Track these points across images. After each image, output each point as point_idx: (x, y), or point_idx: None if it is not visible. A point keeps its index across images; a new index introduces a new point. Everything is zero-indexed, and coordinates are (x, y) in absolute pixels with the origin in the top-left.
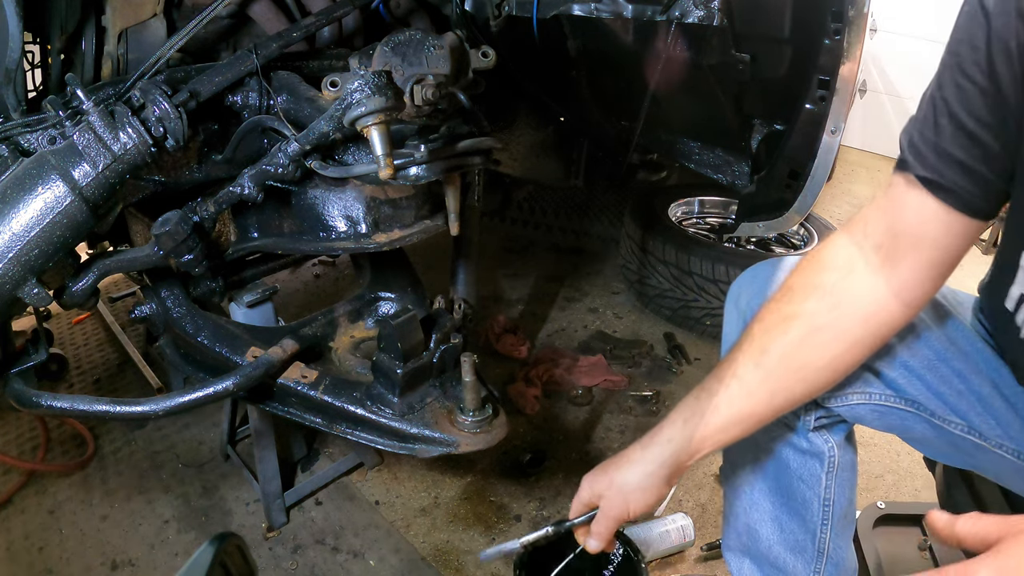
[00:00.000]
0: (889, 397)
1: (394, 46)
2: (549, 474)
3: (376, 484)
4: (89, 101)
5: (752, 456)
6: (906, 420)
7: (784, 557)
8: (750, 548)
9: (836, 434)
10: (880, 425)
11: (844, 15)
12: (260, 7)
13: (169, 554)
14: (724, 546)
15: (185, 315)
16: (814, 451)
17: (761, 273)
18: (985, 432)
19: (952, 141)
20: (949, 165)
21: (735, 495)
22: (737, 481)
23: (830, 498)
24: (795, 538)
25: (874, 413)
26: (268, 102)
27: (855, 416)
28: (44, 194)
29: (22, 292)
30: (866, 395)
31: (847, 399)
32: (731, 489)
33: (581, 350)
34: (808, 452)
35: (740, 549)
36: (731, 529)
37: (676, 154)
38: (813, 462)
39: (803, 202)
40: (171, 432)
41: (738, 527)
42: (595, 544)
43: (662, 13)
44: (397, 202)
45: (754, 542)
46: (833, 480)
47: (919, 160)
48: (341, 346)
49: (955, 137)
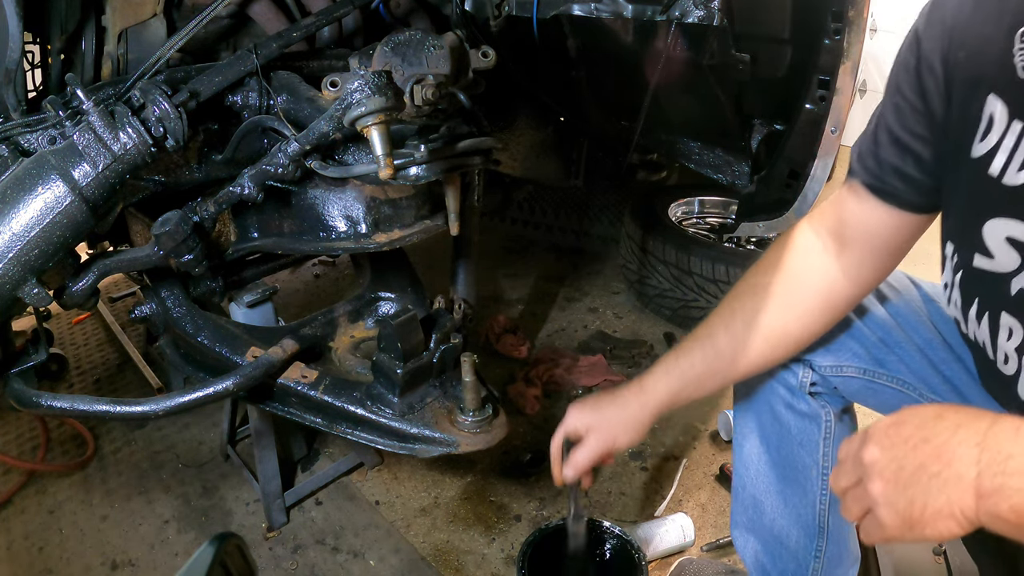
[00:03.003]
0: (881, 375)
1: (394, 46)
2: (549, 474)
3: (376, 484)
4: (89, 101)
5: (757, 424)
6: (898, 399)
7: (787, 531)
8: (755, 523)
9: (834, 404)
10: (873, 403)
11: (844, 15)
12: (260, 7)
13: (169, 554)
14: (732, 523)
15: (185, 315)
16: (812, 414)
17: None
18: None
19: (889, 150)
20: (887, 171)
21: (743, 467)
22: (745, 452)
23: (828, 467)
24: (797, 511)
25: (868, 389)
26: (268, 102)
27: (850, 391)
28: (44, 194)
29: (22, 292)
30: (860, 370)
31: (842, 370)
32: (740, 461)
33: (581, 350)
34: (806, 415)
35: (746, 526)
36: (739, 503)
37: (676, 154)
38: (811, 426)
39: (803, 202)
40: (171, 432)
41: (745, 500)
42: (571, 474)
43: (662, 13)
44: (397, 202)
45: (759, 515)
46: (831, 448)
47: (863, 168)
48: (341, 346)
49: (891, 147)
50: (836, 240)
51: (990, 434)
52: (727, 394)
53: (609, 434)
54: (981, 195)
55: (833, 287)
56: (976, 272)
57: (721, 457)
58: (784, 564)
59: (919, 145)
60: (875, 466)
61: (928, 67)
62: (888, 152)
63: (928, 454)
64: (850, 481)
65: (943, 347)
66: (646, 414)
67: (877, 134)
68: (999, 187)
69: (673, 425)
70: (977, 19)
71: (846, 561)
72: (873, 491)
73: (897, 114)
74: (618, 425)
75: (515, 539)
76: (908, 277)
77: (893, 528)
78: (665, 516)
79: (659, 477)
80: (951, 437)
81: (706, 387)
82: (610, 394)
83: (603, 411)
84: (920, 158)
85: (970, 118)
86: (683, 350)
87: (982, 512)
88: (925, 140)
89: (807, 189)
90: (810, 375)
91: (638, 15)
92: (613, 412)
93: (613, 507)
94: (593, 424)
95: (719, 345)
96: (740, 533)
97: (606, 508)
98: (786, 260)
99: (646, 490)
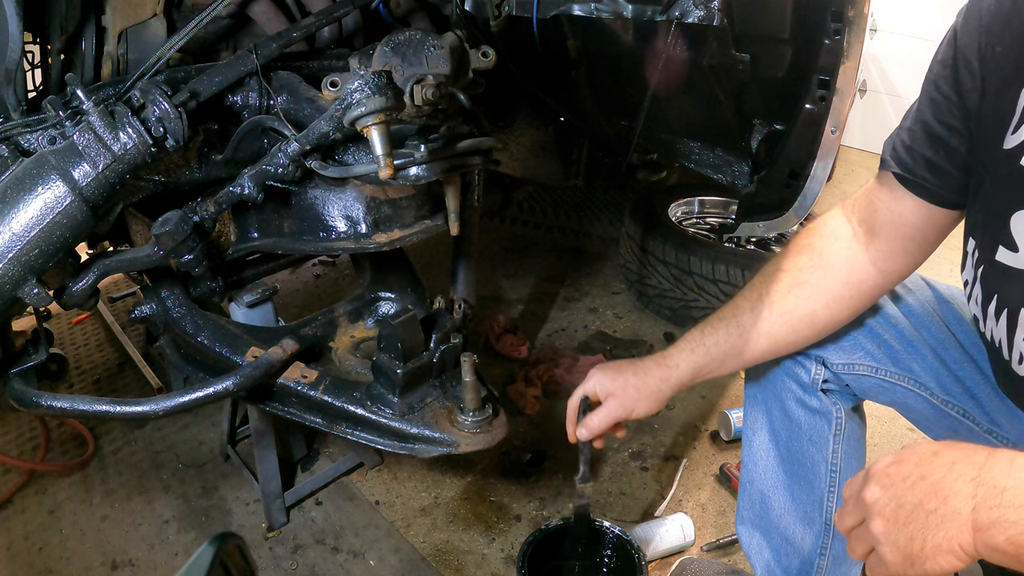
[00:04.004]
0: (893, 374)
1: (394, 46)
2: (549, 474)
3: (376, 484)
4: (89, 101)
5: (768, 420)
6: (908, 398)
7: (793, 527)
8: (762, 519)
9: (845, 401)
10: (886, 400)
11: (844, 15)
12: (260, 7)
13: (169, 554)
14: (738, 519)
15: (185, 315)
16: (823, 410)
17: None
18: (978, 418)
19: (923, 143)
20: (919, 163)
21: (752, 462)
22: (754, 447)
23: (837, 463)
24: (804, 508)
25: (880, 388)
26: (268, 102)
27: (862, 389)
28: (44, 194)
29: (22, 292)
30: (873, 368)
31: (855, 368)
32: (749, 456)
33: (581, 350)
34: (818, 412)
35: (752, 521)
36: (745, 498)
37: (676, 154)
38: (822, 422)
39: (803, 202)
40: (171, 432)
41: (752, 495)
42: (586, 434)
43: (662, 13)
44: (397, 202)
45: (766, 510)
46: (840, 444)
47: (896, 160)
48: (341, 346)
49: (925, 140)
50: (866, 229)
51: (985, 468)
52: (727, 394)
53: (628, 402)
54: (1011, 186)
55: (861, 275)
56: (998, 267)
57: (721, 457)
58: (789, 560)
59: (953, 138)
60: (876, 505)
61: (965, 62)
62: (922, 145)
63: (925, 491)
64: (854, 521)
65: (956, 348)
66: (667, 387)
67: (912, 128)
68: None
69: (673, 425)
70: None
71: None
72: (875, 530)
73: (934, 108)
74: (638, 395)
75: (515, 539)
76: (922, 278)
77: (895, 565)
78: (665, 516)
79: (659, 477)
80: (947, 474)
81: (727, 366)
82: (632, 363)
83: (625, 379)
84: (954, 151)
85: (1003, 110)
86: (709, 327)
87: (980, 545)
88: (960, 134)
89: (807, 189)
90: (823, 372)
91: (638, 15)
92: (635, 381)
93: (613, 507)
94: (614, 390)
95: (744, 325)
96: (746, 529)
97: (606, 508)
98: (817, 245)
99: (646, 490)
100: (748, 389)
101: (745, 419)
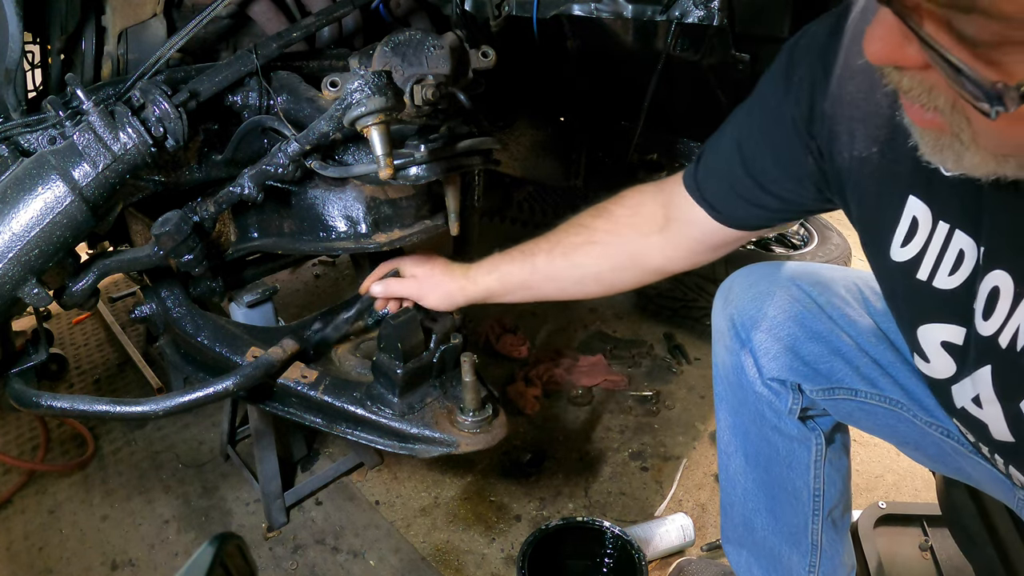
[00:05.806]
0: (873, 395)
1: (394, 46)
2: (549, 474)
3: (376, 484)
4: (89, 101)
5: (744, 445)
6: (891, 419)
7: (780, 548)
8: (746, 539)
9: (823, 424)
10: (867, 425)
11: None
12: (260, 7)
13: (169, 554)
14: (723, 538)
15: (185, 315)
16: (801, 438)
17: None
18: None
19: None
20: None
21: (731, 486)
22: (731, 471)
23: (820, 488)
24: (788, 529)
25: (860, 411)
26: (268, 102)
27: (844, 414)
28: (44, 194)
29: (22, 292)
30: (852, 392)
31: (833, 394)
32: (727, 480)
33: (581, 350)
34: (796, 439)
35: (738, 541)
36: (728, 521)
37: (676, 154)
38: (801, 450)
39: None
40: (171, 432)
41: (734, 518)
42: (379, 291)
43: (662, 13)
44: (397, 202)
45: (750, 533)
46: (822, 470)
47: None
48: (341, 346)
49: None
50: (663, 215)
51: None
52: None
53: (425, 289)
54: (913, 301)
55: (647, 255)
56: (919, 373)
57: None
58: None
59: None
60: None
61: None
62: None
63: None
64: None
65: None
66: (460, 296)
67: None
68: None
69: (673, 425)
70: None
71: (840, 573)
72: None
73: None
74: (436, 289)
75: (515, 539)
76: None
77: None
78: (665, 516)
79: (659, 477)
80: None
81: (517, 295)
82: (447, 263)
83: (434, 270)
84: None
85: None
86: (508, 257)
87: None
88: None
89: None
90: (801, 399)
91: (638, 15)
92: (440, 278)
93: (613, 507)
94: (419, 274)
95: (537, 265)
96: (732, 548)
97: (606, 508)
98: (617, 213)
99: (646, 490)
100: (720, 412)
101: (719, 442)
